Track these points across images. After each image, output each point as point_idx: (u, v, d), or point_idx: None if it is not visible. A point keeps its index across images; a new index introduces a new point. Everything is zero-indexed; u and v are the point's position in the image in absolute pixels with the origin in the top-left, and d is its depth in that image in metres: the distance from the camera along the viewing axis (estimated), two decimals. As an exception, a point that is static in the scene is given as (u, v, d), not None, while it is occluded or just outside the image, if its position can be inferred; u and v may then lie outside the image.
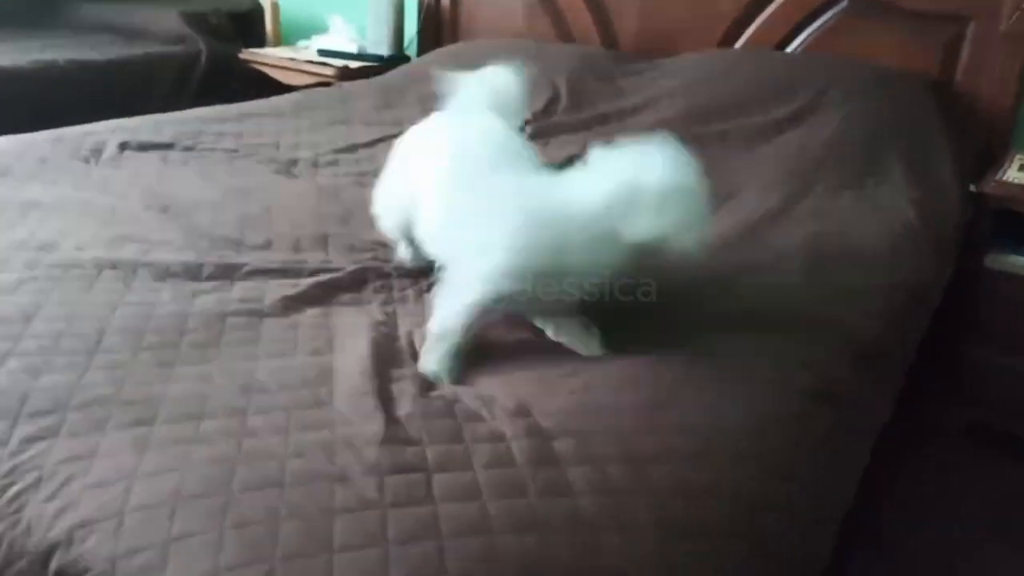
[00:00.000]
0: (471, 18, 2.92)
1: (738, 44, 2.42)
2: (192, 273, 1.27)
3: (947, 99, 2.08)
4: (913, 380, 1.49)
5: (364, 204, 1.63)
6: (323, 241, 1.45)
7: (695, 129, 2.15)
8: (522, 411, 0.97)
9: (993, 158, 2.03)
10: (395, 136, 2.17)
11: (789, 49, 2.35)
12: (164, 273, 1.27)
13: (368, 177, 1.83)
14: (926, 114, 2.01)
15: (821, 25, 2.29)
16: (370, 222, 1.54)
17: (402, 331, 1.15)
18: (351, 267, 1.33)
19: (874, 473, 1.26)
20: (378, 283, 1.30)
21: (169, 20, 3.21)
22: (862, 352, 1.23)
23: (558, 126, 2.30)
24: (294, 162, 1.92)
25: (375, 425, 0.90)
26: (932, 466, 1.87)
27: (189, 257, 1.32)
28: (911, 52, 2.16)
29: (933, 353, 1.75)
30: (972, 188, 1.89)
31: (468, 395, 1.01)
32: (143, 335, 1.09)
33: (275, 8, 3.27)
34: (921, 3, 2.14)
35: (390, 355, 1.07)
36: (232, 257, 1.34)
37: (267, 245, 1.41)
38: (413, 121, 2.30)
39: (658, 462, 0.89)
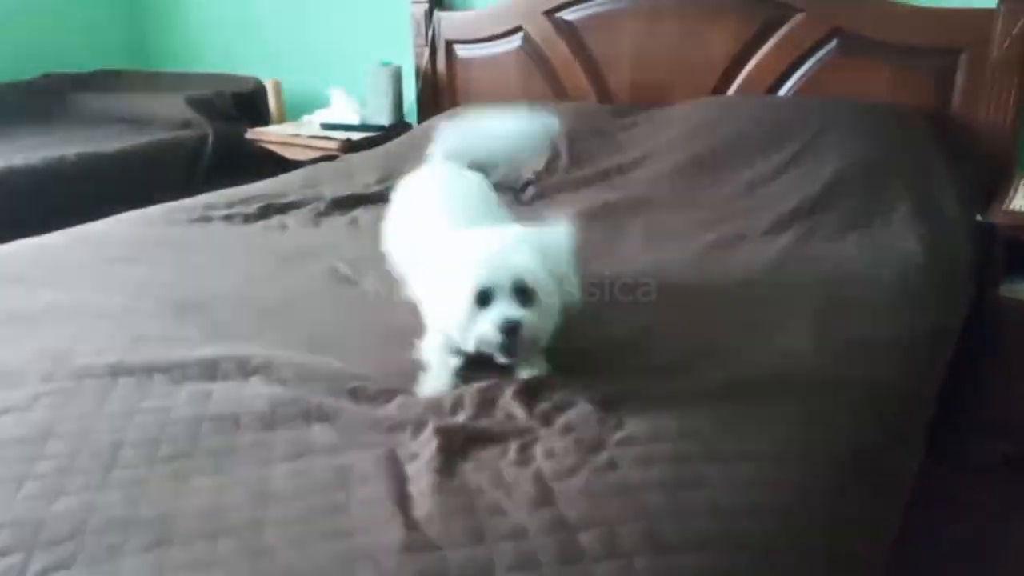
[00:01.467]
0: (467, 82, 2.98)
1: (731, 90, 2.44)
2: (207, 375, 1.27)
3: (945, 131, 2.09)
4: (940, 415, 1.46)
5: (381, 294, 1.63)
6: (344, 334, 1.43)
7: (695, 178, 2.17)
8: (545, 499, 0.96)
9: (997, 187, 2.02)
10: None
11: (782, 92, 2.37)
12: (180, 376, 1.27)
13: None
14: (926, 147, 2.02)
15: (812, 66, 2.31)
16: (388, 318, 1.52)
17: (410, 419, 1.14)
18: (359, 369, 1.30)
19: (909, 521, 1.23)
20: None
21: (174, 106, 3.29)
22: (888, 408, 1.21)
23: (561, 184, 2.32)
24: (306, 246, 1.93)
25: (394, 531, 0.89)
26: (970, 506, 1.82)
27: (203, 357, 1.32)
28: (905, 86, 2.17)
29: (958, 387, 1.72)
30: (979, 219, 1.88)
31: (488, 482, 1.00)
32: (159, 444, 1.08)
33: (277, 86, 3.34)
34: (910, 37, 2.16)
35: (405, 449, 1.06)
36: (246, 355, 1.34)
37: (285, 340, 1.40)
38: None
39: (686, 550, 0.87)
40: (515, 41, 2.81)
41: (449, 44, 2.97)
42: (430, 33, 2.97)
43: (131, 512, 0.94)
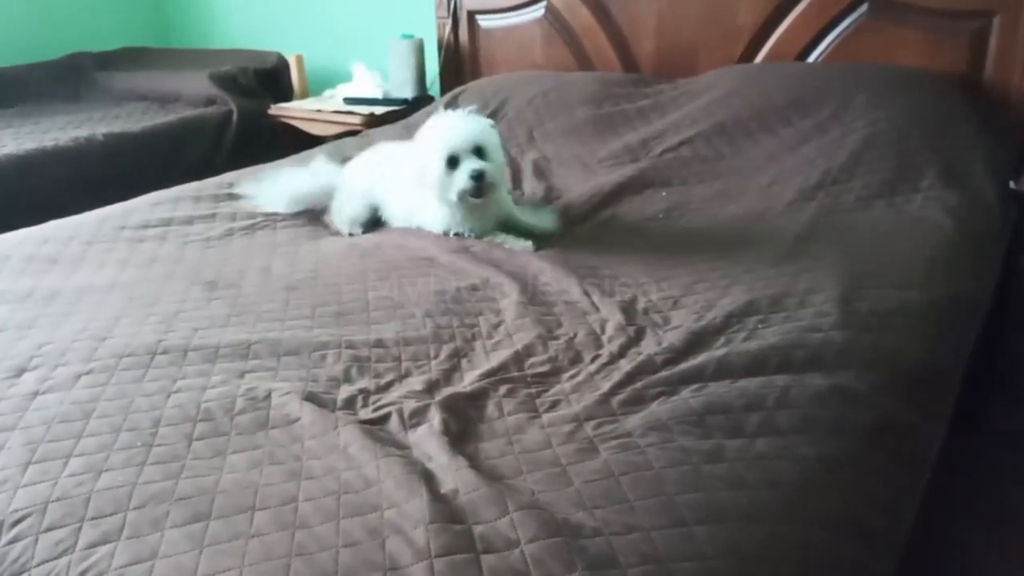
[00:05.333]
0: (490, 54, 2.96)
1: (758, 58, 2.40)
2: (240, 353, 1.31)
3: (977, 96, 2.04)
4: (967, 385, 1.45)
5: (403, 260, 1.67)
6: (365, 306, 1.47)
7: (720, 150, 2.15)
8: (564, 477, 0.98)
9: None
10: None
11: (811, 58, 2.32)
12: (213, 355, 1.30)
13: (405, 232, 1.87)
14: (956, 113, 1.97)
15: (842, 32, 2.26)
16: (409, 276, 1.57)
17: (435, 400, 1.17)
18: (391, 334, 1.35)
19: (933, 492, 1.23)
20: (412, 349, 1.32)
21: (199, 83, 3.30)
22: (913, 378, 1.21)
23: (582, 156, 2.30)
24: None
25: (421, 504, 0.92)
26: (997, 474, 1.81)
27: (235, 336, 1.36)
28: (937, 51, 2.12)
29: (986, 356, 1.71)
30: (1012, 185, 1.84)
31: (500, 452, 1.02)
32: (196, 423, 1.12)
33: (299, 61, 3.35)
34: (942, 1, 2.10)
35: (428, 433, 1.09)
36: (277, 331, 1.38)
37: (311, 315, 1.44)
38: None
39: (702, 521, 0.88)
40: (538, 10, 2.79)
41: (471, 15, 2.95)
42: (452, 4, 2.95)
43: (171, 488, 0.98)
